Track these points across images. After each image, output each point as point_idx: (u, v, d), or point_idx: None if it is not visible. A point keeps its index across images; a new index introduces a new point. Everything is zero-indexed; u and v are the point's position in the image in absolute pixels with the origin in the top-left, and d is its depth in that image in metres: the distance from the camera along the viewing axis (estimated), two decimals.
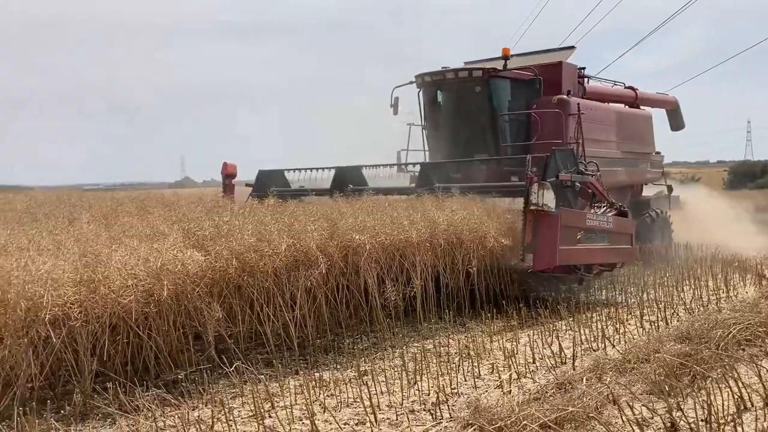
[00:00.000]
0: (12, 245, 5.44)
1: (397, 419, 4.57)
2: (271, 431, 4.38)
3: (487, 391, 5.11)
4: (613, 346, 6.20)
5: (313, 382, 5.24)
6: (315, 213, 6.99)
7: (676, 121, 16.08)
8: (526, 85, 11.30)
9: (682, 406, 4.22)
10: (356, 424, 4.49)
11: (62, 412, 4.74)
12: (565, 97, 11.28)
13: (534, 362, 5.80)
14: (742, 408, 4.21)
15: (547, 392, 4.84)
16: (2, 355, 4.45)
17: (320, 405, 4.83)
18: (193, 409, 4.72)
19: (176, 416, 4.60)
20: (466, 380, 5.38)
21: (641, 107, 14.51)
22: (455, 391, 5.12)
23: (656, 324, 7.01)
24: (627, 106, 14.07)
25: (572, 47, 13.43)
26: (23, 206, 9.43)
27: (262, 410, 4.59)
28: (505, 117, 11.15)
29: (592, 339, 6.46)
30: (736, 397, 4.25)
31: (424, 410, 4.72)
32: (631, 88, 14.28)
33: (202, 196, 10.74)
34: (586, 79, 12.93)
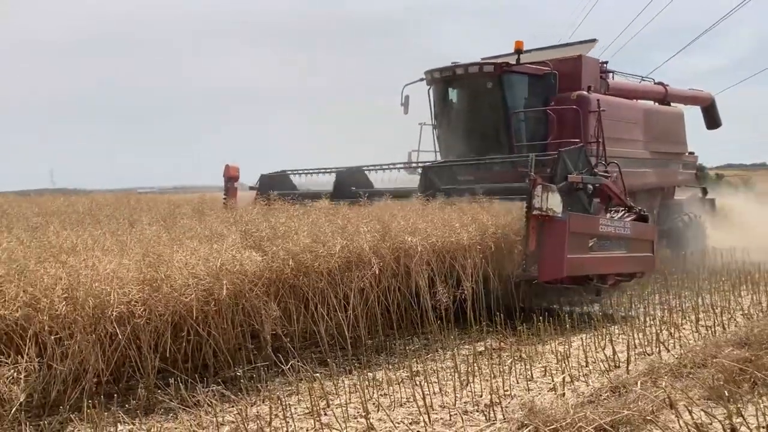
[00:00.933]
0: (79, 245, 5.68)
1: (450, 419, 4.61)
2: (327, 428, 4.47)
3: (540, 393, 5.11)
4: (668, 351, 6.12)
5: (367, 382, 5.33)
6: (367, 215, 7.07)
7: (712, 119, 15.25)
8: (542, 81, 10.70)
9: (742, 412, 4.15)
10: (410, 423, 4.55)
11: (127, 406, 4.93)
12: (584, 93, 10.67)
13: (587, 365, 5.77)
14: None
15: (601, 395, 4.82)
16: (72, 350, 4.66)
17: (374, 404, 4.90)
18: (251, 405, 4.84)
19: (235, 412, 4.74)
20: (518, 382, 5.39)
21: (672, 104, 13.73)
22: (508, 392, 5.13)
23: (713, 329, 6.88)
24: (656, 103, 13.36)
25: (593, 40, 12.69)
26: (85, 208, 9.82)
27: (318, 408, 4.69)
28: (519, 115, 10.62)
29: (646, 343, 6.39)
30: None
31: (477, 411, 4.75)
32: (661, 83, 13.56)
33: (247, 198, 10.96)
34: (610, 75, 12.26)
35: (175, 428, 4.48)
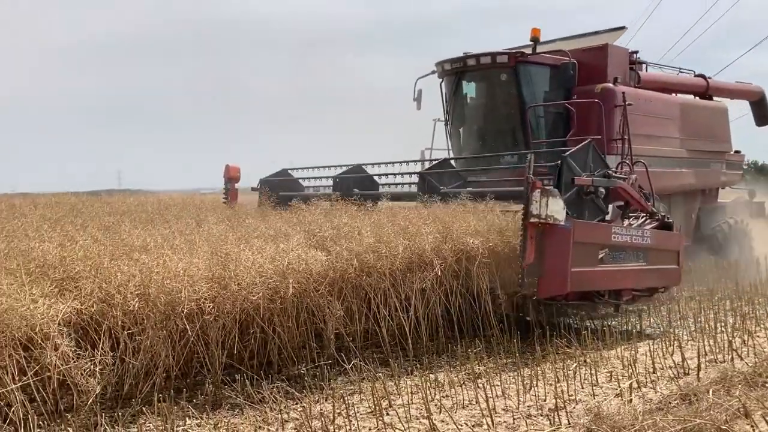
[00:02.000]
0: (150, 244, 5.88)
1: (513, 422, 4.57)
2: (390, 428, 4.49)
3: (606, 398, 5.00)
4: (742, 359, 5.91)
5: (429, 383, 5.32)
6: (428, 216, 7.07)
7: (763, 115, 13.97)
8: (562, 72, 9.76)
9: None
10: (473, 426, 4.53)
11: (195, 401, 5.06)
12: (610, 85, 9.81)
13: (654, 372, 5.63)
14: None
15: (670, 403, 4.71)
16: (144, 345, 4.83)
17: (436, 405, 4.90)
18: (315, 403, 4.90)
19: (299, 409, 4.81)
20: (583, 387, 5.30)
21: (715, 99, 12.68)
22: (572, 397, 5.05)
23: None
24: (697, 98, 12.37)
25: (622, 27, 11.65)
26: (153, 208, 10.12)
27: (380, 407, 4.71)
28: (536, 109, 9.85)
29: (717, 350, 6.18)
30: None
31: (541, 415, 4.69)
32: (702, 76, 12.46)
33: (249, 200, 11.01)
34: (644, 66, 11.38)
35: (241, 423, 4.57)
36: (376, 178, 9.88)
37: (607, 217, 7.42)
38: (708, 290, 9.45)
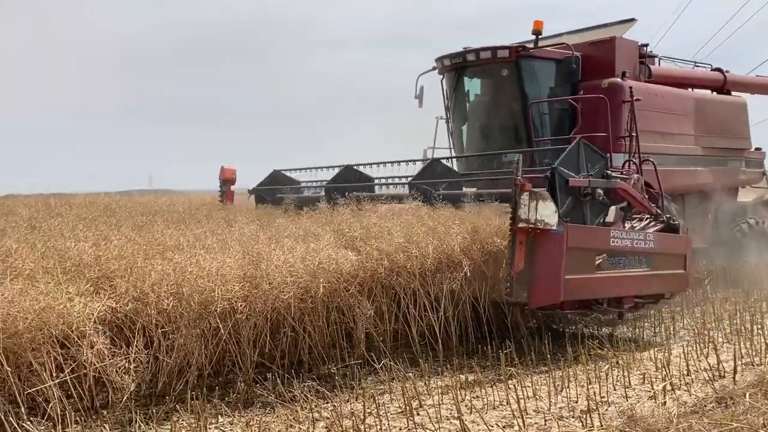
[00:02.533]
0: (183, 243, 5.95)
1: (545, 424, 4.54)
2: (420, 428, 4.49)
3: (639, 401, 4.94)
4: None
5: (459, 384, 5.31)
6: (456, 216, 7.04)
7: None
8: (565, 66, 9.37)
9: None
10: (504, 427, 4.51)
11: (226, 399, 5.11)
12: (617, 80, 9.35)
13: (689, 374, 5.55)
14: None
15: (705, 406, 4.63)
16: (177, 344, 4.90)
17: (466, 406, 4.88)
18: (345, 402, 4.92)
19: (330, 408, 4.83)
20: (615, 389, 5.24)
21: (733, 93, 12.07)
22: (604, 399, 5.00)
23: None
24: (714, 93, 11.82)
25: (632, 20, 11.06)
26: (184, 208, 10.25)
27: (411, 407, 4.71)
28: (540, 105, 9.49)
29: (754, 353, 6.07)
30: None
31: (573, 417, 4.66)
32: (719, 69, 11.85)
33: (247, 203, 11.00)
34: (656, 60, 10.90)
35: (273, 422, 4.60)
36: (372, 179, 9.47)
37: (611, 219, 7.11)
38: (744, 291, 9.28)
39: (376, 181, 9.36)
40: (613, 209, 7.14)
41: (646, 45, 10.50)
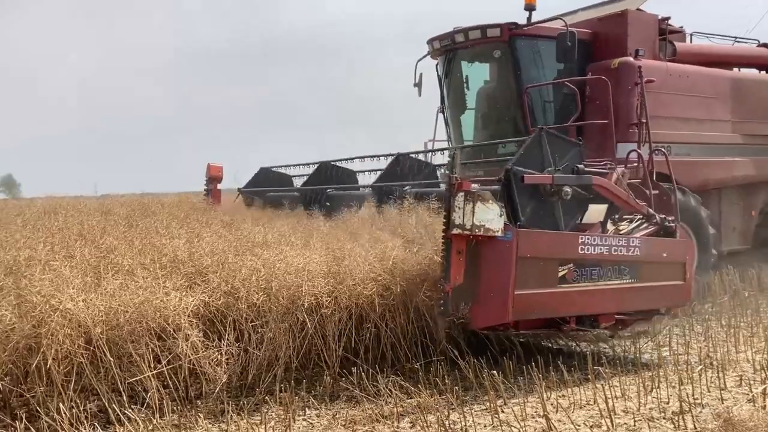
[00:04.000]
0: (270, 240, 6.14)
1: (635, 425, 4.43)
2: (505, 425, 4.47)
3: (736, 404, 4.75)
4: None
5: (544, 382, 5.24)
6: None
7: None
8: (559, 45, 8.08)
9: None
10: (591, 426, 4.44)
11: (313, 392, 5.23)
12: (629, 59, 8.29)
13: None
14: None
15: None
16: (267, 337, 5.06)
17: (552, 404, 4.82)
18: (429, 397, 4.95)
19: (414, 404, 4.86)
20: (709, 391, 5.05)
21: None
22: (698, 401, 4.83)
23: None
24: (759, 71, 10.49)
25: None
26: (260, 204, 10.44)
27: (495, 404, 4.69)
28: (536, 90, 8.56)
29: None
30: None
31: (664, 418, 4.53)
32: (766, 45, 10.50)
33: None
34: (687, 37, 9.79)
35: (359, 415, 4.68)
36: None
37: (599, 222, 6.13)
38: None
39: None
40: (600, 209, 6.18)
41: (668, 18, 9.24)
